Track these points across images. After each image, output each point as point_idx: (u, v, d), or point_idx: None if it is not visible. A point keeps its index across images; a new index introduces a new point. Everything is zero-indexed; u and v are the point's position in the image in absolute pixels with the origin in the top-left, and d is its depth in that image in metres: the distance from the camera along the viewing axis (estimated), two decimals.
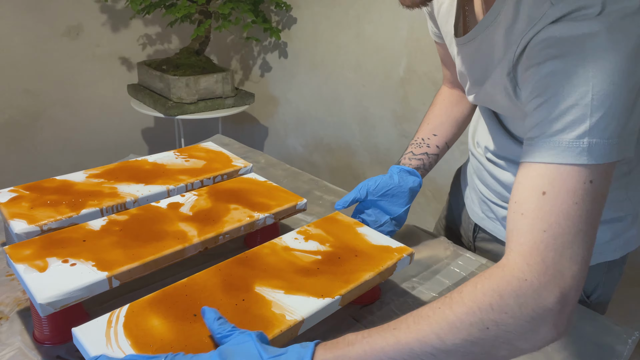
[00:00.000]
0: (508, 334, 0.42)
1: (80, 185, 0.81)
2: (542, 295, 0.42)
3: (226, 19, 2.04)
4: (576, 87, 0.46)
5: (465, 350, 0.42)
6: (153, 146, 2.57)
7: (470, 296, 0.43)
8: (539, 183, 0.46)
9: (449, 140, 0.87)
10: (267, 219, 0.77)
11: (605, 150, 0.45)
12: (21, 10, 1.99)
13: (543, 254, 0.44)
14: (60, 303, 0.55)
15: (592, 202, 0.45)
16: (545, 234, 0.44)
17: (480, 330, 0.42)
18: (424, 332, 0.43)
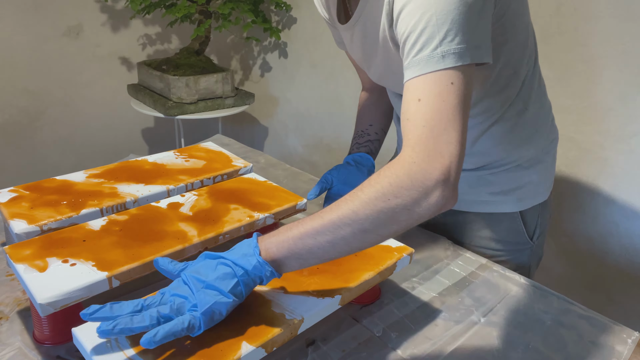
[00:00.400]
0: (405, 202, 0.53)
1: (80, 185, 0.81)
2: (427, 170, 0.53)
3: (226, 19, 2.04)
4: (423, 15, 0.57)
5: (374, 217, 0.53)
6: (153, 146, 2.57)
7: (375, 180, 0.55)
8: (415, 94, 0.57)
9: (384, 126, 1.01)
10: (267, 219, 0.77)
11: (456, 55, 0.56)
12: (21, 10, 1.99)
13: (424, 142, 0.54)
14: (60, 303, 0.55)
15: (456, 97, 0.56)
16: (424, 128, 0.55)
17: (383, 202, 0.53)
18: (342, 210, 0.54)
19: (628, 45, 1.25)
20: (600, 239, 1.48)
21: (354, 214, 0.54)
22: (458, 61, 0.56)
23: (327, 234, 0.54)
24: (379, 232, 0.55)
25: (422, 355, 0.63)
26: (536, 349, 0.65)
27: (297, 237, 0.55)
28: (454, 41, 0.57)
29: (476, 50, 0.58)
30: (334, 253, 0.56)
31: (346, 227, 0.54)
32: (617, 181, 1.41)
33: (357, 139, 0.98)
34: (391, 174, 0.54)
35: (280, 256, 0.56)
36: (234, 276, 0.54)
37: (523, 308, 0.73)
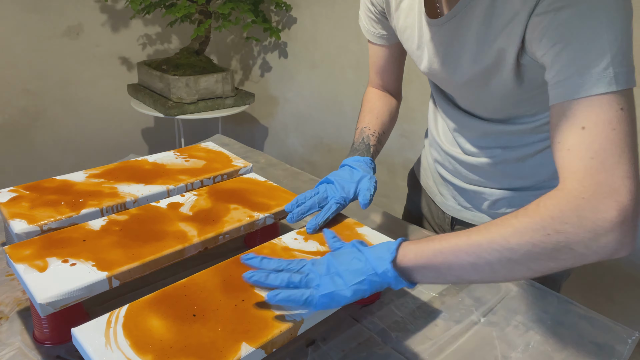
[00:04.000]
0: (568, 240, 0.47)
1: (80, 185, 0.81)
2: (600, 209, 0.47)
3: (226, 19, 2.04)
4: (591, 28, 0.51)
5: (528, 250, 0.48)
6: (153, 146, 2.57)
7: (533, 210, 0.50)
8: (576, 120, 0.51)
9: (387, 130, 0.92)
10: (267, 219, 0.77)
11: (628, 76, 0.51)
12: (21, 10, 1.99)
13: (595, 177, 0.48)
14: (60, 303, 0.55)
15: (627, 125, 0.50)
16: (593, 160, 0.49)
17: (542, 235, 0.48)
18: (492, 234, 0.50)
19: None
20: None
21: (504, 240, 0.50)
22: (629, 83, 0.51)
23: (471, 255, 0.51)
24: (531, 265, 0.50)
25: (422, 355, 0.63)
26: (536, 349, 0.65)
27: (437, 249, 0.53)
28: (624, 61, 0.51)
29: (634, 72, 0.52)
30: (476, 276, 0.53)
31: (493, 252, 0.50)
32: None
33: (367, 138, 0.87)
34: (554, 207, 0.49)
35: (417, 265, 0.54)
36: (362, 273, 0.56)
37: (523, 308, 0.73)
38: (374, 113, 0.90)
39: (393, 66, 0.92)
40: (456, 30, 0.68)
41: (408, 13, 0.76)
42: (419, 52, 0.77)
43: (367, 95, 0.95)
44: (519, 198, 0.82)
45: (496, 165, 0.81)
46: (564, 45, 0.53)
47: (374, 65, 0.93)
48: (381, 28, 0.85)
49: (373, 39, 0.88)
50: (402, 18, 0.78)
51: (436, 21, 0.70)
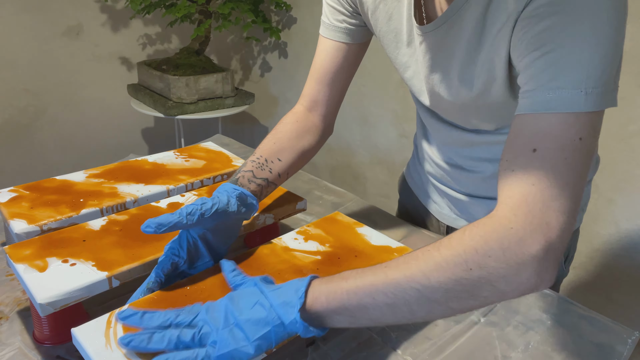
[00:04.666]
0: (490, 276, 0.44)
1: (80, 185, 0.81)
2: (526, 242, 0.44)
3: (226, 19, 2.04)
4: (573, 39, 0.47)
5: (448, 287, 0.45)
6: (153, 146, 2.57)
7: (457, 240, 0.46)
8: (530, 140, 0.47)
9: (291, 170, 0.76)
10: (267, 219, 0.76)
11: (601, 98, 0.47)
12: (21, 10, 1.99)
13: (530, 206, 0.45)
14: (60, 303, 0.55)
15: (582, 157, 0.46)
16: (534, 187, 0.45)
17: (463, 271, 0.44)
18: (412, 270, 0.46)
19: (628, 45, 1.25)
20: (601, 239, 1.48)
21: (425, 278, 0.45)
22: (599, 105, 0.46)
23: (389, 295, 0.46)
24: (451, 304, 0.46)
25: (422, 355, 0.63)
26: (536, 349, 0.65)
27: (352, 290, 0.48)
28: (600, 82, 0.46)
29: (614, 94, 0.48)
30: (392, 318, 0.48)
31: (412, 291, 0.46)
32: (617, 181, 1.41)
33: (255, 166, 0.71)
34: (480, 237, 0.45)
35: (329, 310, 0.49)
36: (267, 324, 0.48)
37: (523, 308, 0.73)
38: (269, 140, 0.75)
39: (346, 74, 0.78)
40: (446, 37, 0.63)
41: (390, 16, 0.70)
42: (404, 59, 0.72)
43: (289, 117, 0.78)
44: None
45: (490, 178, 0.79)
46: (540, 54, 0.49)
47: (322, 70, 0.77)
48: (349, 22, 0.75)
49: (333, 35, 0.76)
50: (381, 21, 0.71)
51: (425, 27, 0.64)
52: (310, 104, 0.79)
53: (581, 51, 0.47)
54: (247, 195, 0.66)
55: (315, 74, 0.78)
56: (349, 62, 0.78)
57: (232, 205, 0.63)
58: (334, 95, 0.79)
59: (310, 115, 0.79)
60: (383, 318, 0.48)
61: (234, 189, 0.65)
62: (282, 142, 0.75)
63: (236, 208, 0.63)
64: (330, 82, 0.78)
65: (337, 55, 0.77)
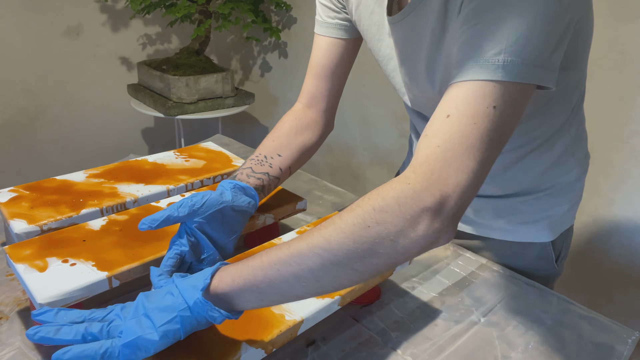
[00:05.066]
0: (388, 231, 0.44)
1: (80, 185, 0.81)
2: (421, 196, 0.44)
3: (226, 19, 2.04)
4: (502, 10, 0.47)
5: (349, 247, 0.44)
6: (153, 146, 2.57)
7: (357, 203, 0.46)
8: (446, 108, 0.48)
9: (293, 165, 0.76)
10: (267, 219, 0.77)
11: (520, 68, 0.46)
12: (21, 10, 1.99)
13: (432, 164, 0.45)
14: (60, 303, 0.55)
15: (492, 124, 0.46)
16: (438, 148, 0.46)
17: (362, 229, 0.44)
18: (313, 237, 0.46)
19: (628, 45, 1.25)
20: (600, 239, 1.48)
21: (325, 242, 0.45)
22: (518, 76, 0.47)
23: (293, 265, 0.46)
24: (355, 266, 0.45)
25: (422, 355, 0.63)
26: (536, 349, 0.65)
27: (257, 266, 0.47)
28: (524, 53, 0.47)
29: (542, 71, 0.48)
30: (300, 289, 0.47)
31: (315, 257, 0.45)
32: (617, 181, 1.41)
33: (254, 163, 0.72)
34: (377, 196, 0.45)
35: (235, 288, 0.47)
36: (173, 310, 0.47)
37: (523, 308, 0.73)
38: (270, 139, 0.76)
39: (342, 69, 0.80)
40: (412, 28, 0.63)
41: (372, 10, 0.70)
42: (387, 51, 0.72)
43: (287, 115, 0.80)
44: (502, 204, 0.81)
45: None
46: (468, 28, 0.49)
47: (318, 67, 0.79)
48: (340, 18, 0.76)
49: (328, 32, 0.77)
50: (364, 16, 0.72)
51: (392, 18, 0.65)
52: (309, 101, 0.81)
53: (504, 22, 0.47)
54: (243, 187, 0.66)
55: (312, 71, 0.80)
56: (344, 58, 0.79)
57: (225, 196, 0.63)
58: (332, 91, 0.80)
59: (310, 111, 0.80)
60: (291, 290, 0.47)
61: (230, 182, 0.67)
62: (280, 139, 0.76)
63: (230, 197, 0.64)
64: (328, 77, 0.79)
65: (332, 51, 0.78)
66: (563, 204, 0.80)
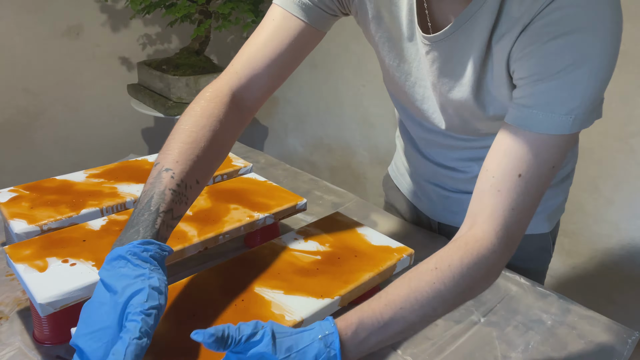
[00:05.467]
0: (473, 292, 0.55)
1: (80, 185, 0.81)
2: (502, 260, 0.54)
3: (226, 19, 2.04)
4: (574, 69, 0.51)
5: (447, 310, 0.54)
6: (153, 146, 2.57)
7: (458, 271, 0.52)
8: (517, 165, 0.54)
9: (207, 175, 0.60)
10: (267, 219, 0.77)
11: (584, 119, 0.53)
12: (21, 10, 1.99)
13: (509, 229, 0.54)
14: (60, 303, 0.55)
15: (549, 181, 0.55)
16: (514, 212, 0.54)
17: (460, 295, 0.53)
18: (424, 310, 0.51)
19: (628, 45, 1.25)
20: (600, 239, 1.48)
21: (434, 312, 0.52)
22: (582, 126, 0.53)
23: (405, 333, 0.52)
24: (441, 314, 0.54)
25: (422, 355, 0.63)
26: (536, 349, 0.65)
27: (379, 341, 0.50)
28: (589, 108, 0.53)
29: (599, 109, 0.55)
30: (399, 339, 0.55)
31: (423, 323, 0.54)
32: (617, 181, 1.41)
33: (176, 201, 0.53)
34: (475, 265, 0.52)
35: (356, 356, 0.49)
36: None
37: (523, 308, 0.73)
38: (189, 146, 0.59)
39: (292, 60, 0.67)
40: (455, 47, 0.61)
41: (391, 23, 0.66)
42: (404, 67, 0.69)
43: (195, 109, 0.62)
44: None
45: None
46: (544, 77, 0.53)
47: (266, 47, 0.63)
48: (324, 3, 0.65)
49: (295, 9, 0.64)
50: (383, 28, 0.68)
51: (432, 37, 0.62)
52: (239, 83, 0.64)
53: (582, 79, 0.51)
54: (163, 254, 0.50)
55: (254, 47, 0.64)
56: (302, 45, 0.67)
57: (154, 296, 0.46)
58: (272, 79, 0.66)
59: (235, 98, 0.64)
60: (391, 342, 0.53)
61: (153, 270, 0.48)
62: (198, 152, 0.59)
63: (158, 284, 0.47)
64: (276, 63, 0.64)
65: (289, 31, 0.64)
66: (558, 196, 0.83)
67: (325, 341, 0.46)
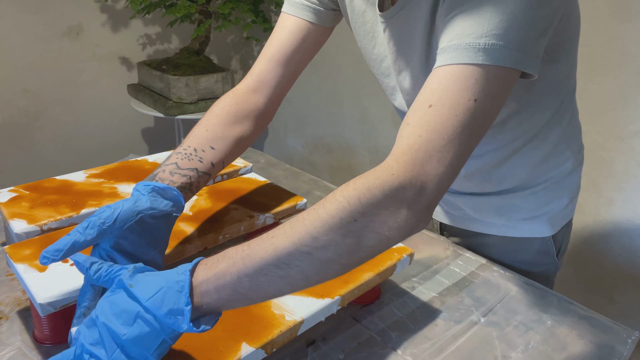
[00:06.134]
0: (374, 223, 0.44)
1: (80, 185, 0.81)
2: (404, 186, 0.45)
3: (226, 19, 2.04)
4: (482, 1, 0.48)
5: (337, 243, 0.44)
6: (153, 146, 2.57)
7: (342, 192, 0.45)
8: (429, 97, 0.48)
9: (227, 158, 0.67)
10: (267, 219, 0.77)
11: (498, 52, 0.47)
12: (21, 11, 1.99)
13: (414, 155, 0.46)
14: (60, 303, 0.55)
15: (474, 118, 0.47)
16: (421, 138, 0.46)
17: (349, 223, 0.44)
18: (299, 235, 0.44)
19: (628, 45, 1.25)
20: (600, 239, 1.48)
21: (314, 240, 0.44)
22: (500, 60, 0.47)
23: (282, 268, 0.44)
24: (342, 261, 0.45)
25: (422, 355, 0.63)
26: (536, 349, 0.65)
27: (242, 272, 0.44)
28: (506, 36, 0.47)
29: (524, 56, 0.48)
30: (288, 289, 0.46)
31: (304, 256, 0.44)
32: (617, 181, 1.41)
33: (180, 157, 0.62)
34: (362, 186, 0.45)
35: (221, 300, 0.45)
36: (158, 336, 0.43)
37: (523, 308, 0.73)
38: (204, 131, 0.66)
39: (301, 57, 0.73)
40: (405, 23, 0.62)
41: (365, 8, 0.69)
42: (377, 52, 0.70)
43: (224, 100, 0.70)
44: (501, 201, 0.81)
45: (472, 175, 0.80)
46: (453, 13, 0.50)
47: (276, 48, 0.72)
48: (317, 1, 0.72)
49: (300, 12, 0.72)
50: (356, 13, 0.70)
51: (385, 14, 0.63)
52: (257, 84, 0.73)
53: (485, 6, 0.47)
54: (163, 188, 0.57)
55: (269, 52, 0.73)
56: (308, 45, 0.73)
57: (142, 203, 0.54)
58: (285, 78, 0.73)
59: (253, 96, 0.72)
60: (279, 292, 0.46)
61: (146, 185, 0.57)
62: (215, 129, 0.67)
63: (148, 204, 0.54)
64: (284, 62, 0.72)
65: (297, 34, 0.72)
66: (561, 198, 0.81)
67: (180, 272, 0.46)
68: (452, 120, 0.46)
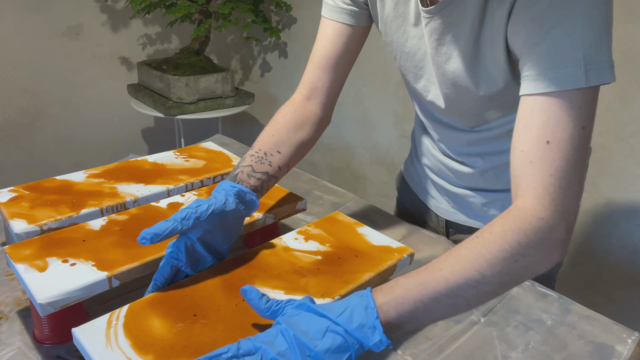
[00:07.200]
0: (531, 263, 0.51)
1: (80, 185, 0.81)
2: (555, 228, 0.51)
3: (226, 19, 2.04)
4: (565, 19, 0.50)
5: (500, 279, 0.51)
6: (153, 146, 2.57)
7: (500, 236, 0.51)
8: (543, 133, 0.52)
9: (291, 162, 0.73)
10: (267, 219, 0.77)
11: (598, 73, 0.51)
12: (21, 10, 1.99)
13: (552, 195, 0.51)
14: (60, 303, 0.55)
15: (585, 143, 0.53)
16: (552, 178, 0.52)
17: (512, 263, 0.50)
18: (467, 271, 0.50)
19: (628, 45, 1.25)
20: (600, 239, 1.48)
21: (481, 277, 0.50)
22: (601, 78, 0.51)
23: (451, 297, 0.50)
24: (499, 292, 0.53)
25: (422, 355, 0.63)
26: (536, 349, 0.65)
27: (419, 300, 0.50)
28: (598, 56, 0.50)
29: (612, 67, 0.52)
30: (451, 313, 0.53)
31: (471, 289, 0.50)
32: (617, 181, 1.41)
33: (254, 160, 0.70)
34: (519, 230, 0.50)
35: (400, 321, 0.50)
36: (347, 349, 0.47)
37: (523, 308, 0.73)
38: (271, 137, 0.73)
39: (347, 59, 0.77)
40: (450, 20, 0.63)
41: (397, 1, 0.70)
42: (409, 45, 0.71)
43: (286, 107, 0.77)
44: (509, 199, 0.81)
45: (486, 172, 0.80)
46: (539, 40, 0.52)
47: (323, 55, 0.76)
48: (353, 3, 0.74)
49: (337, 16, 0.75)
50: (388, 6, 0.71)
51: (429, 10, 0.64)
52: (310, 92, 0.78)
53: (575, 31, 0.50)
54: (245, 192, 0.65)
55: (316, 59, 0.77)
56: (351, 47, 0.76)
57: (229, 204, 0.62)
58: (334, 83, 0.78)
59: (309, 104, 0.77)
60: (444, 316, 0.53)
61: (232, 186, 0.64)
62: (280, 134, 0.73)
63: (234, 206, 0.62)
64: (332, 67, 0.76)
65: (339, 38, 0.75)
66: None
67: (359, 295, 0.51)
68: (572, 154, 0.51)
